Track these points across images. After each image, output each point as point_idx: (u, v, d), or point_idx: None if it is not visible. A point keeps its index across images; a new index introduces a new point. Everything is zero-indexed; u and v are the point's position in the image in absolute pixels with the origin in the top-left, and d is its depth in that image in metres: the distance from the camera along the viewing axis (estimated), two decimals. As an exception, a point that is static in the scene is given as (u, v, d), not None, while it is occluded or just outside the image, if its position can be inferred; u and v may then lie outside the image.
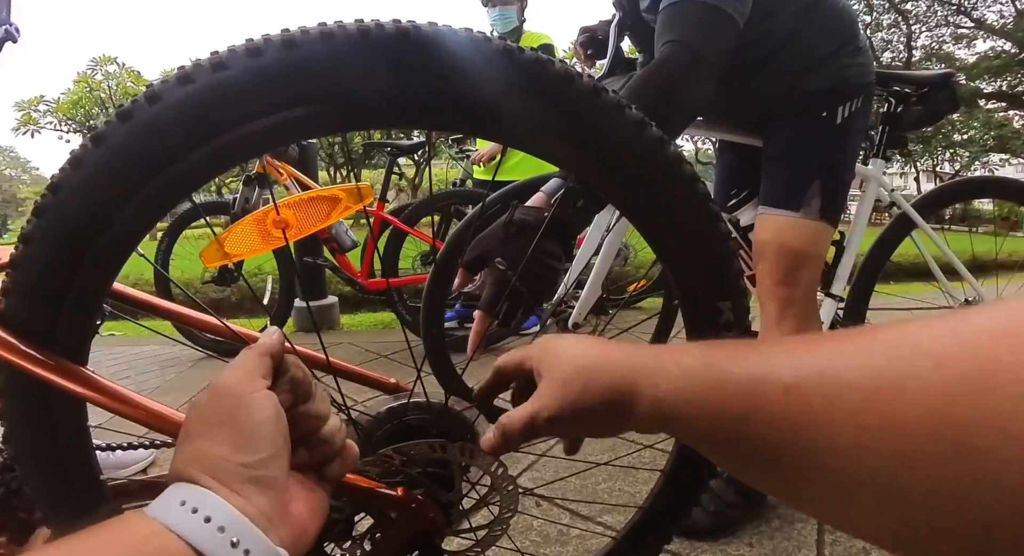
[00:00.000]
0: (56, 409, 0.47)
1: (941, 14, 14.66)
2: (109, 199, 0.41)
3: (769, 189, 1.12)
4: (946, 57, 14.49)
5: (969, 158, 15.41)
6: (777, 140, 1.13)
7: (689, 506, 0.63)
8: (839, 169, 1.10)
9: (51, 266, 0.42)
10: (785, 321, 1.11)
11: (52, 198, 0.41)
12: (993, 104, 14.22)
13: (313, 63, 0.38)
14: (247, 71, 0.38)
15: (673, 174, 0.45)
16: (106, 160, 0.40)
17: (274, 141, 0.42)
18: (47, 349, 0.44)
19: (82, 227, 0.41)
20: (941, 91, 1.28)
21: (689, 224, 0.47)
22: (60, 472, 0.50)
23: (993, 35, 13.88)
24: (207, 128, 0.39)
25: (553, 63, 0.41)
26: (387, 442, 0.49)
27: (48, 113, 10.38)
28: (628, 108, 0.43)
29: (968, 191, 1.54)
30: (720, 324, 0.51)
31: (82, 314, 0.45)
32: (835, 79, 1.08)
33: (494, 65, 0.40)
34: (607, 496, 1.26)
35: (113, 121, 0.39)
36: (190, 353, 2.61)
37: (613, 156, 0.44)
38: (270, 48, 0.38)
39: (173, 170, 0.40)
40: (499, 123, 0.42)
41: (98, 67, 10.17)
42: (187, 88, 0.38)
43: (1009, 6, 13.40)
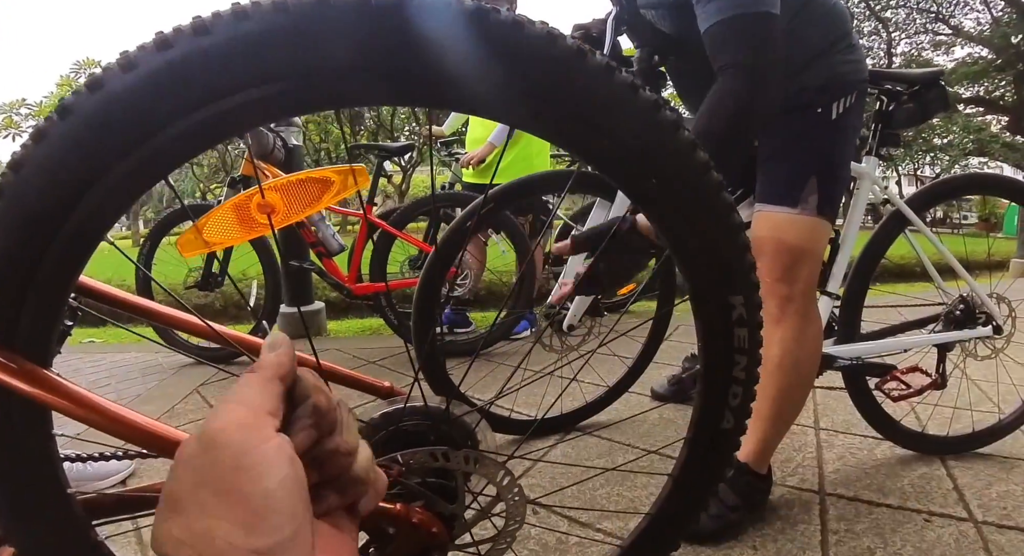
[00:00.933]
0: (15, 415, 0.43)
1: (920, 21, 14.95)
2: (77, 178, 0.36)
3: (766, 186, 1.12)
4: (925, 63, 14.74)
5: (949, 162, 15.69)
6: (773, 137, 1.12)
7: (698, 511, 0.60)
8: (835, 165, 1.10)
9: (10, 254, 0.38)
10: (785, 318, 1.10)
11: (13, 177, 0.36)
12: (972, 109, 14.49)
13: (301, 32, 0.35)
14: (232, 38, 0.34)
15: (687, 161, 0.43)
16: (74, 133, 0.35)
17: (259, 116, 0.38)
18: (6, 349, 0.40)
19: (46, 209, 0.37)
20: (932, 89, 1.29)
21: (703, 214, 0.45)
22: (22, 485, 0.45)
23: (970, 42, 14.17)
24: (188, 99, 0.35)
25: (566, 39, 0.38)
26: (383, 450, 0.45)
27: (30, 116, 10.22)
28: (641, 90, 0.40)
29: (961, 187, 1.55)
30: (732, 320, 0.49)
31: (46, 310, 0.41)
32: (829, 75, 1.08)
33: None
34: (605, 502, 1.23)
35: (82, 91, 0.35)
36: (172, 360, 2.55)
37: (626, 144, 0.42)
38: (258, 12, 0.34)
39: (149, 146, 0.36)
40: (521, 108, 0.40)
41: (81, 70, 10.05)
42: (167, 54, 0.34)
43: (985, 13, 13.71)
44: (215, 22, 0.34)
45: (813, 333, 1.12)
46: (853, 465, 1.39)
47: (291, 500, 0.26)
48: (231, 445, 0.26)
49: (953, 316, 1.44)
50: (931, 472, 1.35)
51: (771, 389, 1.11)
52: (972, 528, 1.11)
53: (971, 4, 14.14)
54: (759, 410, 1.13)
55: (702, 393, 0.54)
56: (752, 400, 0.55)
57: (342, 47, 0.35)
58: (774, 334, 1.10)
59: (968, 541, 1.07)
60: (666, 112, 0.41)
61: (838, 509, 1.19)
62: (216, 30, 0.34)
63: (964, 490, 1.26)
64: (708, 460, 0.57)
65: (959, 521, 1.14)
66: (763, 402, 1.11)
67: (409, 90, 0.38)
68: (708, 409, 0.54)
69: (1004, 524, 1.12)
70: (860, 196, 1.31)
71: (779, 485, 1.27)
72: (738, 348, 0.51)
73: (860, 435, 1.53)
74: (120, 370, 2.49)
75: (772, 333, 1.10)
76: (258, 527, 0.24)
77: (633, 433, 1.59)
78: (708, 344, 0.52)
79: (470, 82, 0.37)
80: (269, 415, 0.28)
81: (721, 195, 0.45)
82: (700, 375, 0.54)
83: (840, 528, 1.12)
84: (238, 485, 0.25)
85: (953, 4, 14.31)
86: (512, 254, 2.63)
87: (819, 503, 1.21)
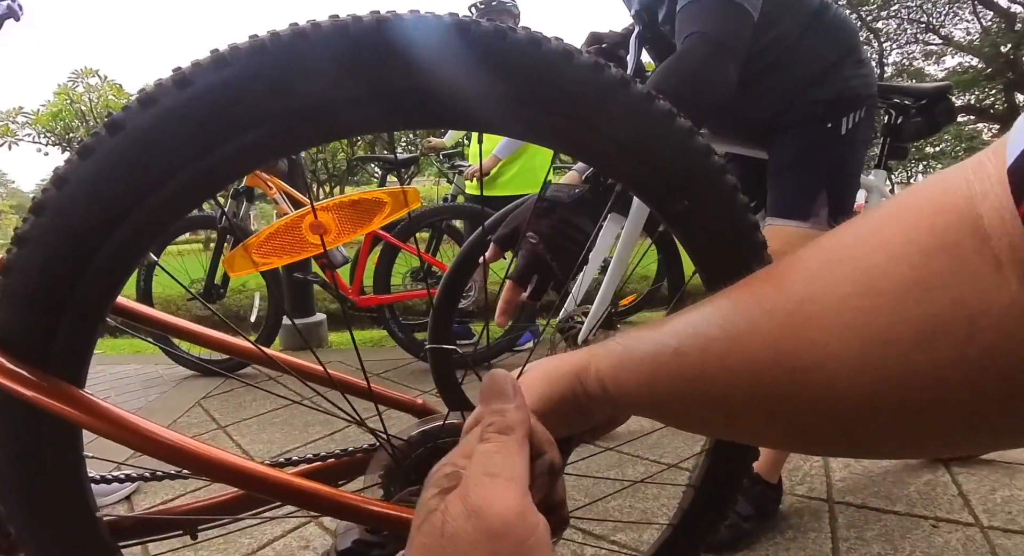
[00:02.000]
0: (46, 437, 0.42)
1: (911, 32, 15.17)
2: (123, 195, 0.35)
3: (777, 200, 1.13)
4: (917, 73, 14.95)
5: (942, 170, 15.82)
6: (783, 151, 1.14)
7: (720, 520, 0.61)
8: (846, 179, 1.11)
9: (50, 272, 0.37)
10: None
11: (55, 193, 0.35)
12: (963, 117, 14.66)
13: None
14: (295, 52, 0.35)
15: (718, 184, 0.45)
16: (123, 149, 0.35)
17: (299, 143, 0.39)
18: (40, 369, 0.39)
19: (90, 227, 0.36)
20: (939, 103, 1.31)
21: (730, 234, 0.47)
22: (50, 509, 0.44)
23: (961, 51, 14.38)
24: (243, 118, 0.35)
25: (609, 68, 0.40)
26: (420, 467, 0.46)
27: (27, 125, 10.16)
28: (678, 116, 0.42)
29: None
30: None
31: (83, 329, 0.39)
32: (839, 89, 1.09)
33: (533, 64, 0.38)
34: (618, 514, 1.24)
35: (133, 106, 0.35)
36: (173, 372, 2.54)
37: (657, 163, 0.43)
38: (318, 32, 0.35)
39: (201, 164, 0.36)
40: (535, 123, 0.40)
41: (79, 79, 10.01)
42: (224, 72, 0.34)
43: (975, 23, 13.92)
44: (272, 40, 0.35)
45: None
46: (860, 473, 1.40)
47: None
48: (512, 536, 0.24)
49: None
50: (936, 478, 1.37)
51: None
52: (979, 533, 1.13)
53: (961, 14, 14.37)
54: None
55: None
56: None
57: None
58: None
59: (975, 546, 1.09)
60: (698, 138, 0.43)
61: (847, 517, 1.20)
62: (274, 47, 0.36)
63: (969, 496, 1.27)
64: (728, 468, 0.58)
65: (966, 526, 1.15)
66: None
67: (455, 117, 0.40)
68: None
69: (1010, 528, 1.14)
70: (869, 208, 1.33)
71: (788, 494, 1.28)
72: None
73: (865, 444, 1.55)
74: (121, 382, 2.48)
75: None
76: None
77: (641, 444, 1.60)
78: None
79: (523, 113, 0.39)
80: (529, 490, 0.26)
81: (748, 215, 0.46)
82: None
83: (850, 535, 1.13)
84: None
85: (943, 14, 14.53)
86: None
87: (828, 511, 1.22)
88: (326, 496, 0.43)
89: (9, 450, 0.41)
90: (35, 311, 0.38)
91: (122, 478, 0.72)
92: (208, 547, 1.19)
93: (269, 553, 1.17)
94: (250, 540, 1.21)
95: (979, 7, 13.19)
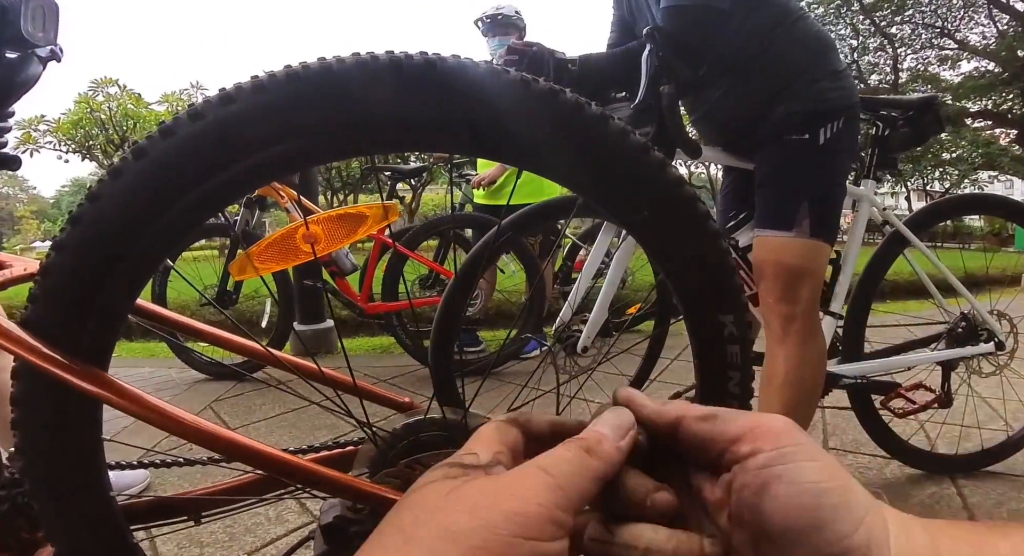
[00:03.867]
0: (72, 420, 0.47)
1: (926, 37, 15.03)
2: (145, 210, 0.42)
3: (762, 212, 1.16)
4: (932, 78, 14.81)
5: (958, 176, 15.65)
6: (765, 164, 1.17)
7: None
8: (827, 188, 1.14)
9: (82, 273, 0.43)
10: (788, 337, 1.13)
11: (90, 207, 0.42)
12: (980, 123, 14.49)
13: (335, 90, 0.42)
14: (284, 95, 0.41)
15: (675, 194, 0.48)
16: (146, 173, 0.41)
17: (300, 163, 0.44)
18: (72, 354, 0.45)
19: (117, 237, 0.42)
20: (926, 114, 1.34)
21: (691, 241, 0.50)
22: (71, 487, 0.49)
23: (977, 56, 14.22)
24: (244, 146, 0.42)
25: (565, 93, 0.44)
26: (405, 456, 0.49)
27: (48, 133, 10.37)
28: (631, 134, 0.46)
29: (958, 208, 1.58)
30: (724, 337, 0.53)
31: (108, 323, 0.46)
32: (814, 101, 1.13)
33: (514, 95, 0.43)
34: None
35: (155, 136, 0.41)
36: (185, 375, 2.59)
37: (620, 178, 0.47)
38: (308, 74, 0.41)
39: (208, 185, 0.42)
40: (517, 148, 0.46)
41: (99, 89, 10.19)
42: (229, 108, 0.41)
43: (991, 27, 13.78)
44: (271, 81, 0.41)
45: (817, 351, 1.15)
46: (863, 484, 1.39)
47: None
48: (518, 529, 0.21)
49: (955, 333, 1.46)
50: (941, 491, 1.36)
51: (777, 407, 1.13)
52: (982, 549, 1.12)
53: (976, 18, 14.22)
54: None
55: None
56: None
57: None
58: (778, 353, 1.13)
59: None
60: (654, 153, 0.47)
61: (847, 529, 1.20)
62: (271, 87, 0.42)
63: (975, 509, 1.27)
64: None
65: (969, 541, 1.15)
66: None
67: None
68: None
69: (1014, 545, 1.13)
70: (859, 218, 1.35)
71: (788, 505, 1.28)
72: (731, 364, 0.55)
73: (869, 454, 1.54)
74: (135, 384, 2.49)
75: (776, 352, 1.14)
76: None
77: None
78: (702, 361, 0.55)
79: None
80: (562, 522, 0.23)
81: (708, 223, 0.50)
82: (697, 392, 0.58)
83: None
84: None
85: (958, 19, 14.39)
86: (522, 274, 2.67)
87: (828, 523, 1.22)
88: (324, 475, 0.49)
89: (39, 428, 0.47)
90: (69, 307, 0.44)
91: (135, 464, 0.78)
92: (212, 544, 1.23)
93: (271, 551, 1.20)
94: (254, 539, 1.25)
95: (995, 11, 13.05)
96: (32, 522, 0.66)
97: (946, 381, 1.44)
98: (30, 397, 0.46)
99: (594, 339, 1.33)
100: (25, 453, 0.47)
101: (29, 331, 0.44)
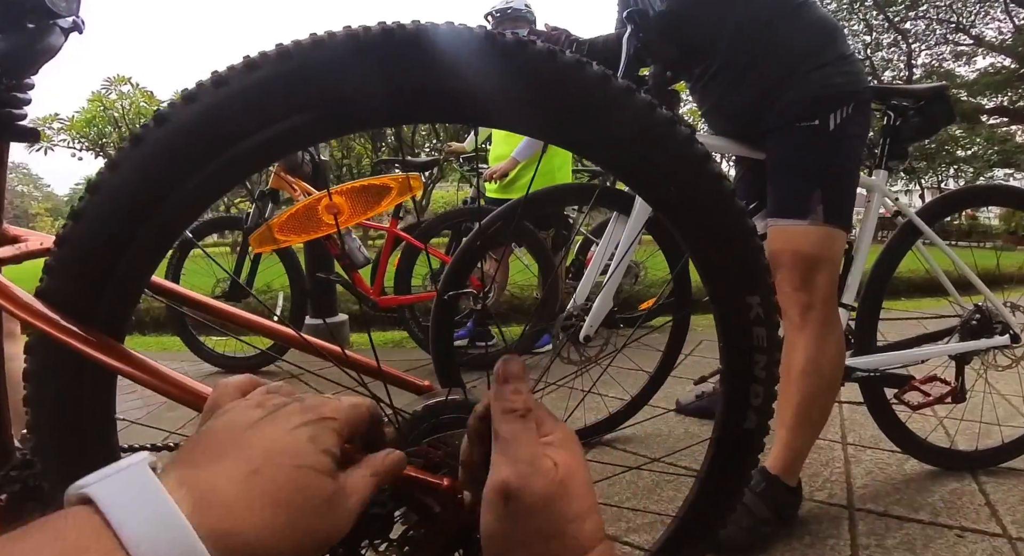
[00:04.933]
0: (86, 397, 0.46)
1: (940, 32, 14.81)
2: (166, 178, 0.40)
3: (775, 201, 1.15)
4: (947, 75, 14.58)
5: (974, 174, 15.43)
6: (776, 152, 1.16)
7: (726, 514, 0.61)
8: (839, 174, 1.13)
9: (99, 242, 0.42)
10: (807, 325, 1.12)
11: (108, 175, 0.41)
12: (995, 120, 14.27)
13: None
14: (311, 61, 0.40)
15: (702, 170, 0.47)
16: (167, 140, 0.40)
17: (325, 131, 0.43)
18: (86, 324, 0.43)
19: (136, 205, 0.41)
20: (937, 103, 1.33)
21: (718, 219, 0.49)
22: (84, 467, 0.48)
23: (992, 51, 14.00)
24: (269, 114, 0.40)
25: (592, 65, 0.43)
26: (427, 436, 0.49)
27: (62, 131, 10.47)
28: (658, 108, 0.45)
29: (973, 198, 1.56)
30: (750, 319, 0.52)
31: (125, 295, 0.45)
32: (822, 87, 1.11)
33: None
34: (632, 515, 1.23)
35: (178, 103, 0.40)
36: (198, 368, 2.60)
37: (646, 152, 0.46)
38: (335, 41, 0.40)
39: (230, 154, 0.40)
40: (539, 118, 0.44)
41: (112, 87, 10.28)
42: (254, 74, 0.40)
43: (1007, 22, 13.55)
44: (296, 48, 0.40)
45: (835, 339, 1.14)
46: (882, 480, 1.38)
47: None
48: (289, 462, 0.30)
49: (969, 326, 1.44)
50: (962, 487, 1.34)
51: (796, 396, 1.12)
52: (1007, 544, 1.10)
53: (992, 13, 13.99)
54: (784, 419, 1.15)
55: (725, 393, 0.56)
56: (773, 399, 0.56)
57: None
58: (797, 341, 1.12)
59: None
60: (681, 127, 0.46)
61: (868, 524, 1.18)
62: (297, 54, 0.40)
63: (997, 505, 1.25)
64: (733, 460, 0.58)
65: (992, 537, 1.13)
66: (788, 410, 1.13)
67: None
68: (731, 409, 0.56)
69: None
70: (871, 209, 1.34)
71: (807, 500, 1.26)
72: (757, 347, 0.53)
73: (888, 450, 1.52)
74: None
75: (795, 340, 1.13)
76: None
77: (659, 447, 1.59)
78: (728, 344, 0.54)
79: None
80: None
81: (734, 201, 0.48)
82: (722, 376, 0.56)
83: (870, 543, 1.11)
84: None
85: (974, 14, 14.17)
86: (534, 268, 2.66)
87: (848, 518, 1.21)
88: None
89: (53, 404, 0.45)
90: (86, 278, 0.43)
91: (149, 447, 0.76)
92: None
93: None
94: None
95: (1012, 5, 12.84)
96: (43, 504, 0.65)
97: (960, 375, 1.42)
98: (44, 372, 0.45)
99: (600, 330, 1.32)
100: (37, 431, 0.46)
101: (45, 302, 0.43)
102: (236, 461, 0.29)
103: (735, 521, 1.10)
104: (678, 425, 1.75)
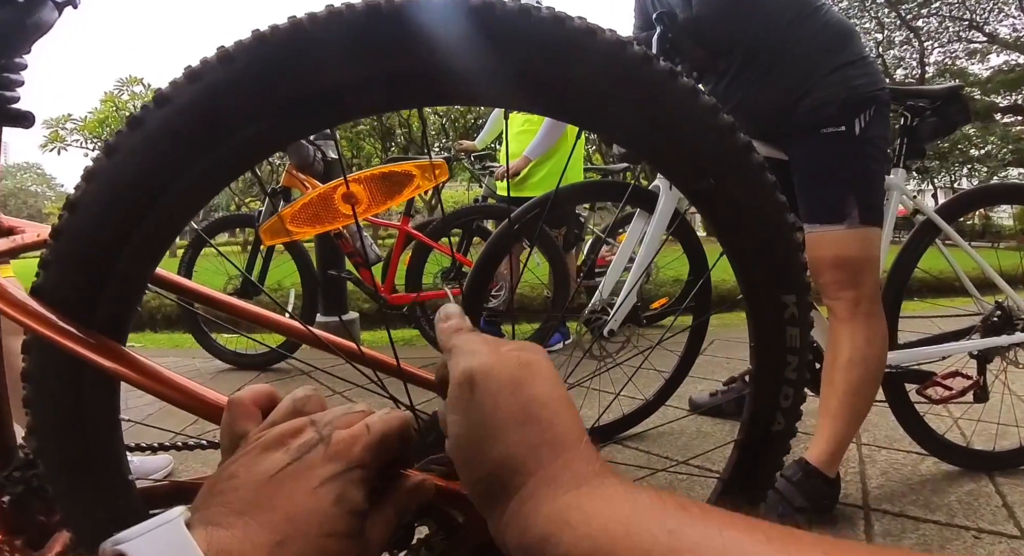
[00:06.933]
0: (87, 398, 0.43)
1: (953, 30, 14.65)
2: (169, 164, 0.37)
3: (809, 207, 1.16)
4: (960, 72, 14.41)
5: (987, 173, 15.23)
6: (804, 159, 1.17)
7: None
8: (869, 177, 1.15)
9: (98, 236, 0.38)
10: (856, 318, 1.14)
11: (106, 161, 0.37)
12: (1009, 118, 14.10)
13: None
14: (327, 36, 0.36)
15: (744, 161, 0.45)
16: (170, 121, 0.36)
17: (340, 114, 0.40)
18: (86, 326, 0.40)
19: (137, 194, 0.37)
20: (952, 103, 1.34)
21: (758, 213, 0.46)
22: (88, 469, 0.45)
23: (1006, 49, 13.82)
24: (279, 95, 0.36)
25: (632, 45, 0.41)
26: (442, 443, 0.47)
27: (75, 131, 10.60)
28: (702, 94, 0.43)
29: (990, 196, 1.56)
30: (784, 319, 0.50)
31: (126, 292, 0.41)
32: (844, 91, 1.12)
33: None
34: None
35: (180, 81, 0.36)
36: (209, 365, 2.62)
37: (685, 141, 0.43)
38: (353, 13, 0.37)
39: (239, 136, 0.37)
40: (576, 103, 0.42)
41: (125, 87, 10.42)
42: (265, 50, 0.36)
43: (1021, 19, 13.37)
44: (311, 20, 0.37)
45: (881, 331, 1.17)
46: (898, 480, 1.37)
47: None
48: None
49: (990, 323, 1.43)
50: (979, 488, 1.32)
51: (841, 386, 1.14)
52: (1025, 546, 1.09)
53: (1006, 10, 13.81)
54: (829, 409, 1.16)
55: (754, 395, 0.54)
56: (802, 402, 0.54)
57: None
58: (843, 333, 1.15)
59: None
60: (723, 116, 0.43)
61: (883, 524, 1.17)
62: (316, 24, 0.37)
63: (1014, 507, 1.23)
64: (758, 463, 0.57)
65: (1010, 539, 1.11)
66: (833, 400, 1.15)
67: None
68: (760, 411, 0.54)
69: (1059, 543, 1.10)
70: (890, 207, 1.34)
71: (822, 499, 1.26)
72: (790, 348, 0.51)
73: (904, 450, 1.51)
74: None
75: (841, 332, 1.15)
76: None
77: (671, 446, 1.59)
78: (761, 344, 0.52)
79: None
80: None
81: (775, 195, 0.46)
82: (751, 377, 0.54)
83: (886, 544, 1.11)
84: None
85: (987, 11, 14.00)
86: (546, 266, 2.66)
87: (863, 518, 1.20)
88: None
89: (53, 406, 0.43)
90: (84, 273, 0.40)
91: (155, 446, 0.74)
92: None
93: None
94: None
95: (1027, 3, 12.68)
96: (48, 506, 0.64)
97: (982, 374, 1.41)
98: (42, 373, 0.42)
99: (623, 325, 1.32)
100: (38, 432, 0.43)
101: (40, 300, 0.40)
102: (261, 527, 0.28)
103: (768, 509, 1.10)
104: (690, 424, 1.75)
